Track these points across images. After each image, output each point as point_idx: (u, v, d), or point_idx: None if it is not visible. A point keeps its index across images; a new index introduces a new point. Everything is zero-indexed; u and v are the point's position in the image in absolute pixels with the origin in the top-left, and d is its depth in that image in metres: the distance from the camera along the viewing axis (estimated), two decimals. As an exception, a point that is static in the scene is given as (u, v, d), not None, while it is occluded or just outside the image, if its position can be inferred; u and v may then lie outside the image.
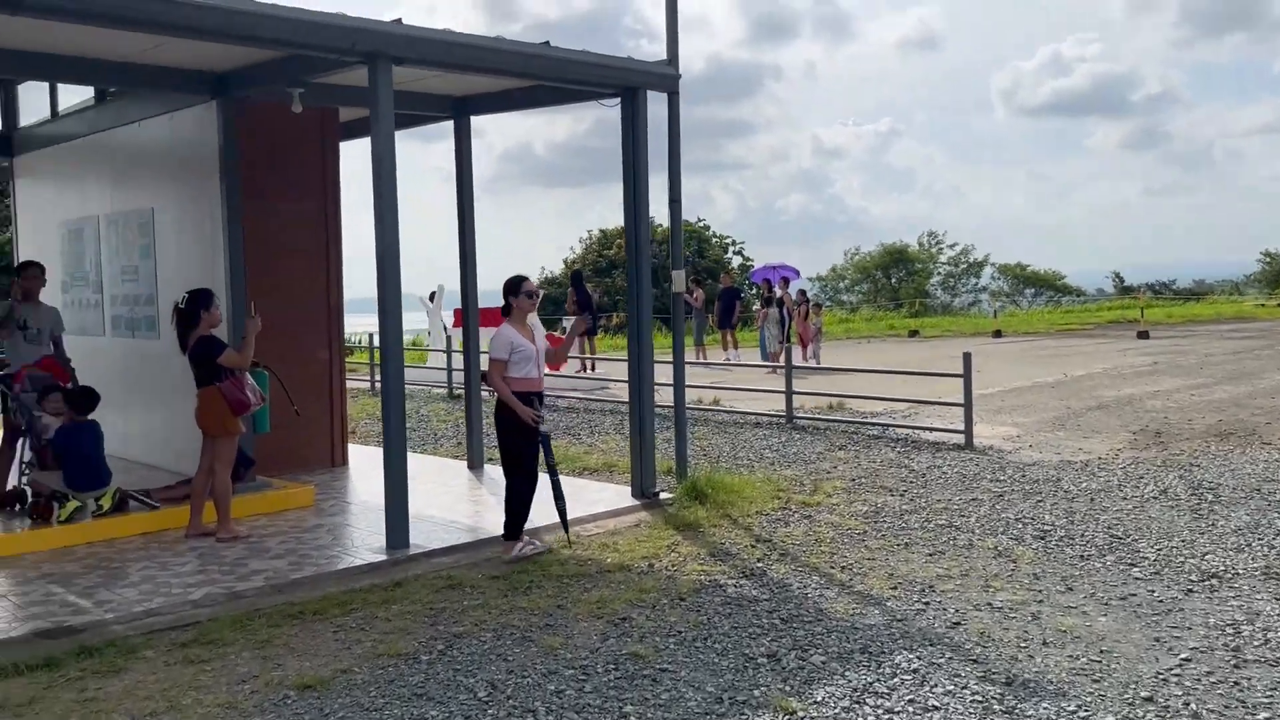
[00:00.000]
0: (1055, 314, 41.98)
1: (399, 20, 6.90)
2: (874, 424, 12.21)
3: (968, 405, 10.94)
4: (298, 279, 9.63)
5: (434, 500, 8.53)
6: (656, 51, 8.89)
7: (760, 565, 6.62)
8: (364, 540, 7.33)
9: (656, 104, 8.33)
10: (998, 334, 29.39)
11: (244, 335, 7.21)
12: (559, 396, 15.61)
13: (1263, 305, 41.57)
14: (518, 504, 6.83)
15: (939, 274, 55.65)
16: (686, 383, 9.12)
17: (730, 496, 8.32)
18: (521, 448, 6.81)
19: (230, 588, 6.24)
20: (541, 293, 7.32)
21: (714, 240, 47.57)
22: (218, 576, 6.47)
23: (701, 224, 47.27)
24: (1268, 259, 59.05)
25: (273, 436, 9.11)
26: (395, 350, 7.01)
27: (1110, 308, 43.66)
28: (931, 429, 11.64)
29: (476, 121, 9.80)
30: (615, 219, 39.91)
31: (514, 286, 6.85)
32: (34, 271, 8.34)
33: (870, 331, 33.21)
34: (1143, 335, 26.86)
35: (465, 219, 9.79)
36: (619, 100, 8.30)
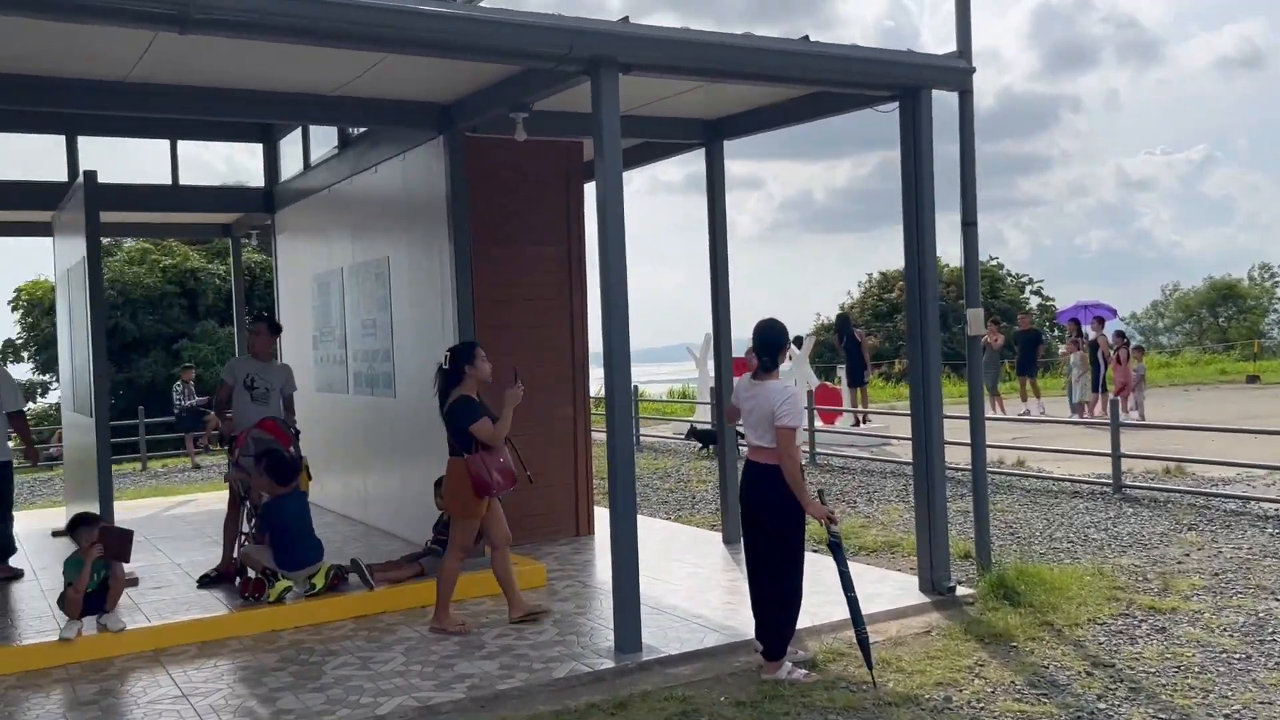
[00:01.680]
0: None
1: (626, 19, 5.80)
2: (1229, 495, 9.81)
3: (1369, 476, 8.44)
4: (537, 328, 8.73)
5: (679, 585, 7.27)
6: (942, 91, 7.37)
7: (1104, 707, 4.84)
8: (593, 637, 6.15)
9: (944, 138, 6.80)
10: (1363, 379, 24.87)
11: (504, 406, 6.30)
12: (833, 455, 14.03)
13: None
14: (790, 614, 5.40)
15: (1275, 311, 49.09)
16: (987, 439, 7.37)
17: (1050, 596, 6.50)
18: (802, 541, 5.43)
19: (426, 699, 5.20)
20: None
21: (1008, 279, 44.13)
22: (417, 681, 5.47)
23: (994, 263, 44.02)
24: None
25: (509, 504, 8.20)
26: (623, 413, 5.83)
27: None
28: (1313, 504, 9.15)
29: (752, 171, 8.80)
30: (896, 262, 37.69)
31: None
32: (257, 328, 7.87)
33: (1197, 377, 29.13)
34: None
35: (718, 257, 8.56)
36: (896, 105, 6.82)
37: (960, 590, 6.74)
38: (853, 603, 5.24)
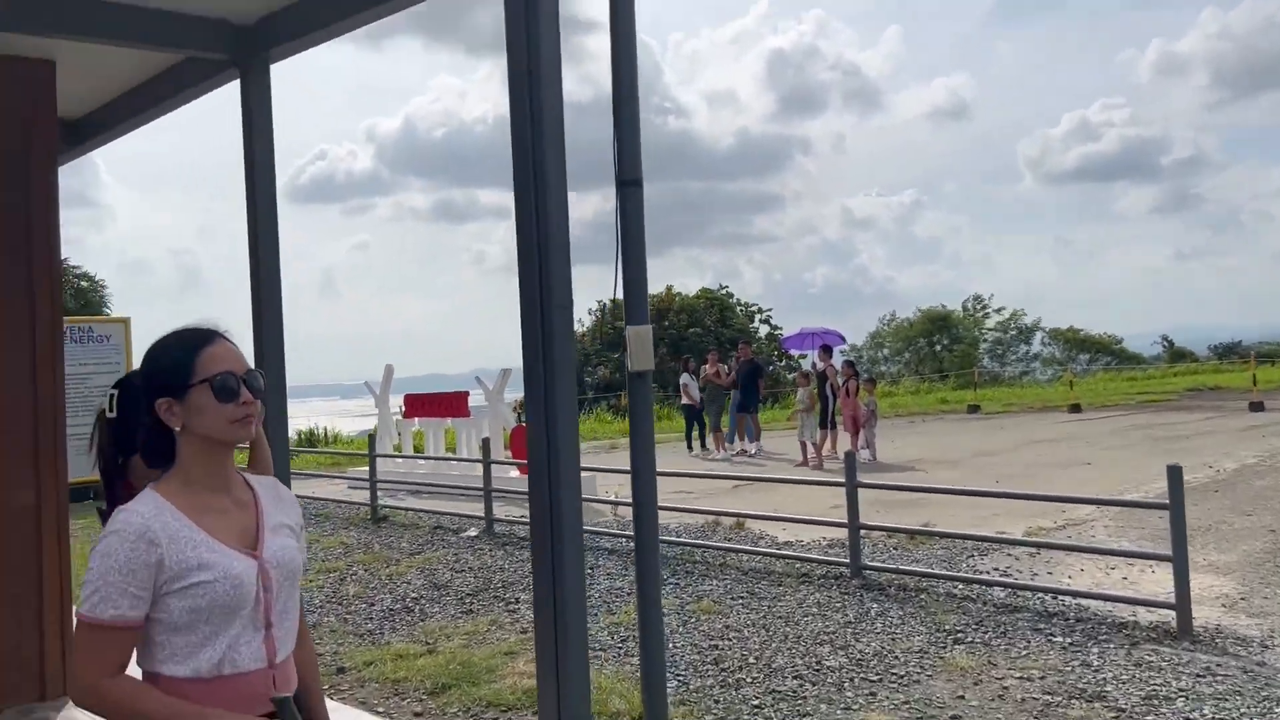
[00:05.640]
0: (1122, 381, 37.28)
1: None
2: (996, 581, 7.51)
3: (1180, 565, 6.20)
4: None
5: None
6: (685, 129, 4.61)
7: None
8: None
9: None
10: (1076, 408, 24.60)
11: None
12: (517, 524, 11.00)
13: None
14: None
15: (986, 340, 50.92)
16: (695, 499, 4.51)
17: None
18: None
19: None
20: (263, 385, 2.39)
21: (738, 308, 43.14)
22: None
23: (725, 291, 42.98)
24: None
25: None
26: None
27: (1178, 374, 39.04)
28: (1104, 596, 6.91)
29: (501, 202, 5.48)
30: (651, 287, 35.40)
31: (182, 364, 2.02)
32: None
33: (920, 407, 28.51)
34: (1257, 407, 22.05)
35: (259, 239, 5.34)
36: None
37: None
38: None
